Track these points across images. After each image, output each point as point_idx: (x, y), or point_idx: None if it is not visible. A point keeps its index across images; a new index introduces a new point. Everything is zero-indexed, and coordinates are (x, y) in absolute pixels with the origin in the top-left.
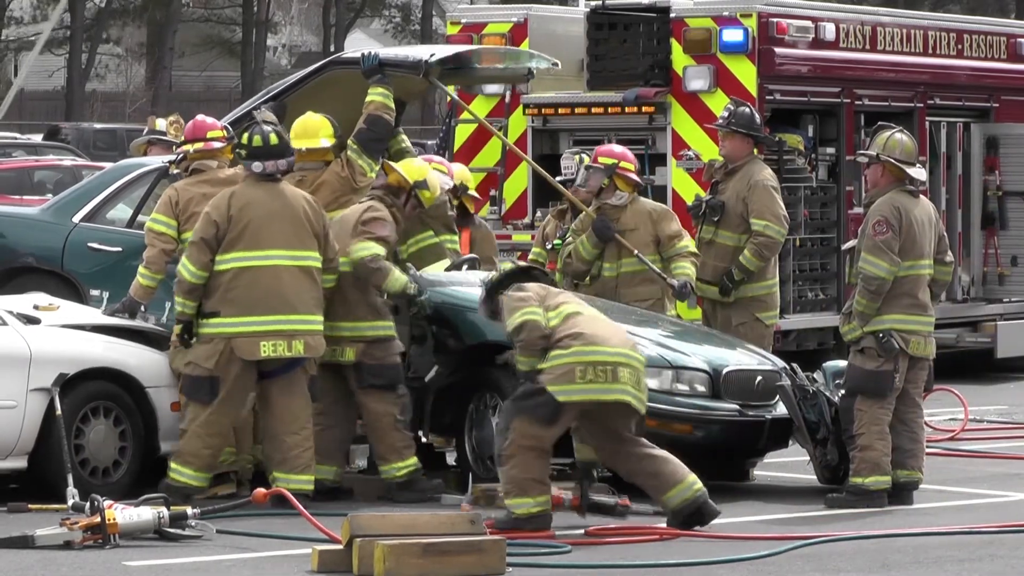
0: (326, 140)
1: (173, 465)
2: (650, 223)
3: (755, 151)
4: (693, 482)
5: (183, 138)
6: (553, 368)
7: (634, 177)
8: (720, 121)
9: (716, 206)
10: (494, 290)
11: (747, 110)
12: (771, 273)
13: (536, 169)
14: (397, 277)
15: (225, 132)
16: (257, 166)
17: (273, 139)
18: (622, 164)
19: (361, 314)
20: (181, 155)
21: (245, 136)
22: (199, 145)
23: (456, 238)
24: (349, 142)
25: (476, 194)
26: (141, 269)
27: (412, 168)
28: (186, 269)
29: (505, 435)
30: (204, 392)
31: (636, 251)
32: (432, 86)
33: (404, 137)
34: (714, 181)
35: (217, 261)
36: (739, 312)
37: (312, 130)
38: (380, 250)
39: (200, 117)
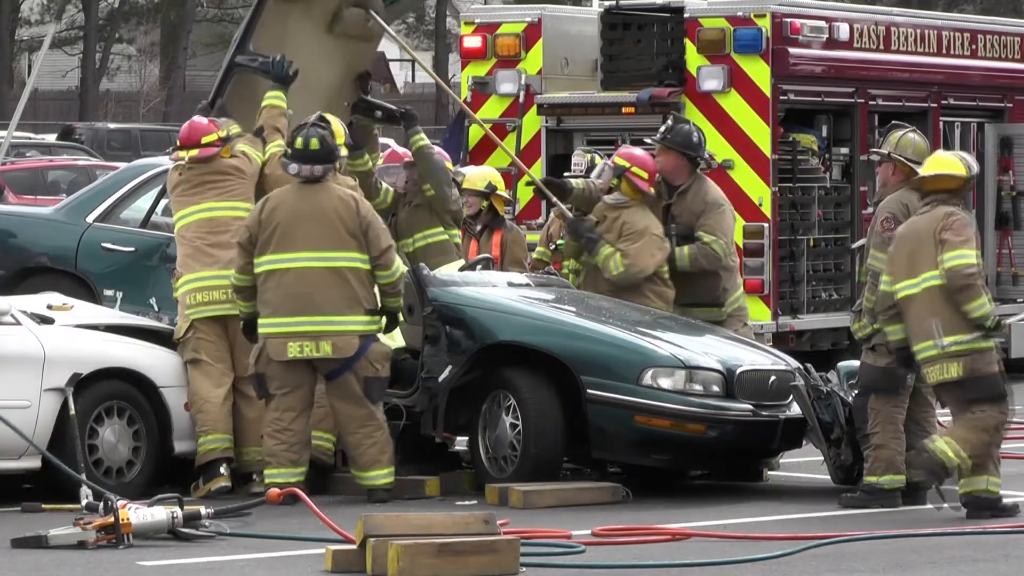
0: (340, 148)
1: (264, 471)
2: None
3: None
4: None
5: (179, 142)
6: None
7: None
8: (657, 136)
9: (686, 234)
10: None
11: (686, 127)
12: (739, 282)
13: (538, 185)
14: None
15: (218, 134)
16: (293, 168)
17: (313, 144)
18: None
19: None
20: (177, 161)
21: (292, 136)
22: (194, 152)
23: (458, 232)
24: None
25: (507, 195)
26: None
27: None
28: (233, 272)
29: None
30: (255, 389)
31: None
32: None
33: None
34: (666, 203)
35: (255, 264)
36: (730, 324)
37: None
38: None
39: (197, 119)
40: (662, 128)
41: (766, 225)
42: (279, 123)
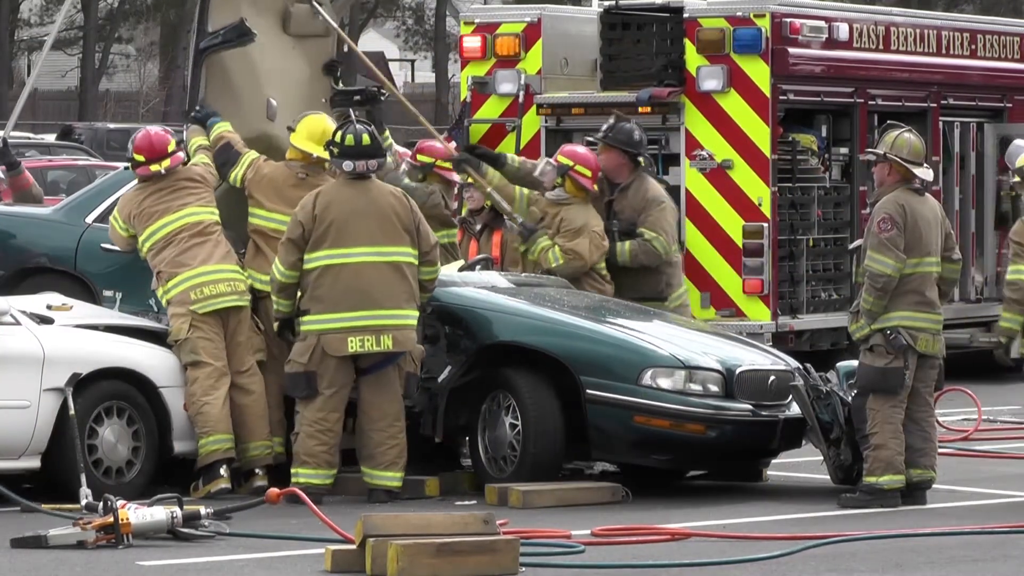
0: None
1: (294, 469)
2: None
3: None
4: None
5: (142, 157)
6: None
7: None
8: (599, 134)
9: (628, 231)
10: None
11: (627, 126)
12: (683, 277)
13: (466, 158)
14: None
15: (174, 141)
16: (348, 165)
17: (366, 139)
18: None
19: None
20: (151, 174)
21: (338, 134)
22: (167, 163)
23: (454, 232)
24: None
25: None
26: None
27: None
28: (276, 269)
29: None
30: (301, 388)
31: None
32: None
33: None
34: (608, 200)
35: (305, 260)
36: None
37: (320, 135)
38: None
39: (155, 131)
40: (604, 127)
41: (766, 225)
42: (240, 139)
